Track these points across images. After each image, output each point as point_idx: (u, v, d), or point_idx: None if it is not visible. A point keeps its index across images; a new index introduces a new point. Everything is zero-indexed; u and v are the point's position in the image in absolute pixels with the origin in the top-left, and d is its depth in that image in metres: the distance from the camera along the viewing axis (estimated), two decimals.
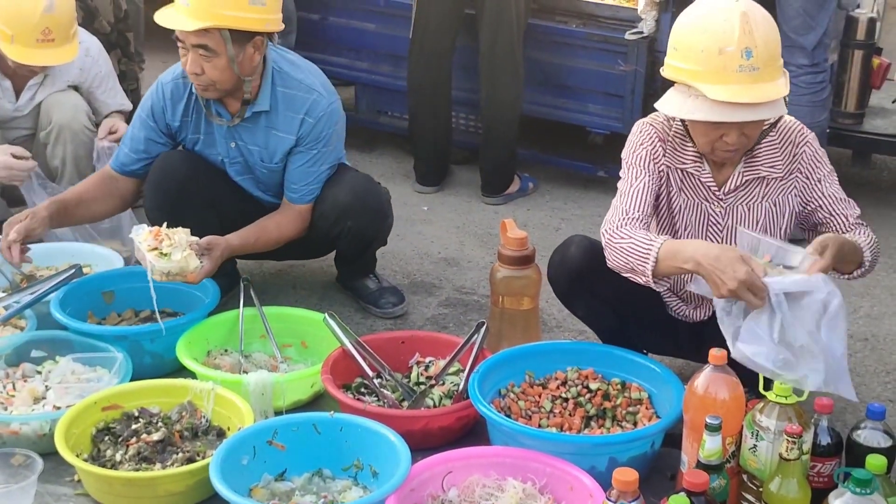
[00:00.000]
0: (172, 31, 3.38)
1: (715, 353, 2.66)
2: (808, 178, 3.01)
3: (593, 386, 3.08)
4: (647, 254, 2.82)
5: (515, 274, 3.38)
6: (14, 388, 3.11)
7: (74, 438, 2.87)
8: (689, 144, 2.99)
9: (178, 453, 2.85)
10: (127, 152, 3.66)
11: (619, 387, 3.09)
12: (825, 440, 2.69)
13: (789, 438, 2.50)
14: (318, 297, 3.92)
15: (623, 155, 3.07)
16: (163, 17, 3.39)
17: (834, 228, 3.00)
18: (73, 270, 3.48)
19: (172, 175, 3.59)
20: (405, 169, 5.06)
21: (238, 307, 3.46)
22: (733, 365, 2.70)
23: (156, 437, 2.88)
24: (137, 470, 2.79)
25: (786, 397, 2.60)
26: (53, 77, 4.05)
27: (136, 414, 2.99)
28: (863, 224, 3.01)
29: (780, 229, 3.04)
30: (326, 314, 3.26)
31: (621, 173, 3.06)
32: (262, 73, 3.50)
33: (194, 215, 3.53)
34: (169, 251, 3.24)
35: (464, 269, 4.18)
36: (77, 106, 4.03)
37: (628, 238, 2.87)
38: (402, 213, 4.57)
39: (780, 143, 2.99)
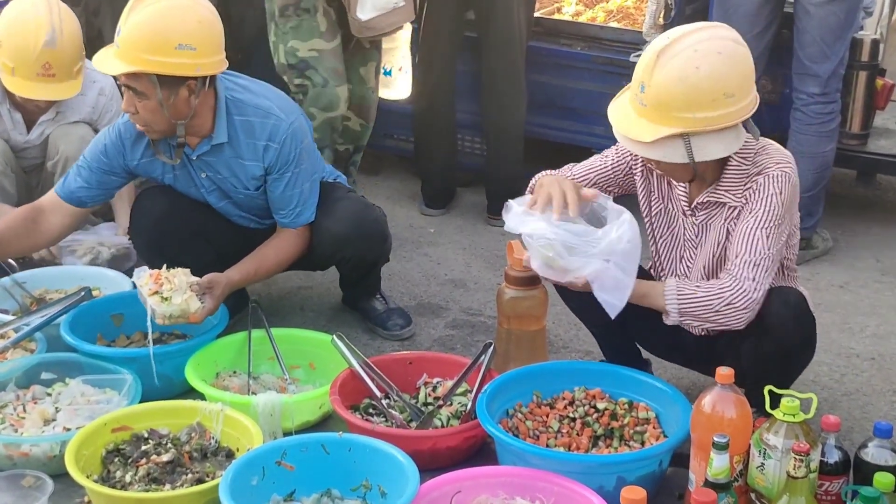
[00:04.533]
0: None
1: (722, 372, 2.68)
2: (745, 208, 2.93)
3: (601, 406, 3.09)
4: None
5: (522, 295, 3.39)
6: (24, 409, 3.12)
7: (84, 460, 2.88)
8: None
9: (187, 474, 2.86)
10: (79, 181, 3.55)
11: (626, 406, 3.10)
12: (833, 458, 2.70)
13: (797, 456, 2.50)
14: (326, 319, 3.93)
15: None
16: (97, 59, 3.38)
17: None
18: (82, 293, 3.50)
19: (150, 215, 3.59)
20: (411, 191, 5.08)
21: (246, 329, 3.48)
22: (740, 384, 2.71)
23: (165, 458, 2.90)
24: (147, 491, 2.80)
25: (794, 416, 2.62)
26: (65, 114, 4.07)
27: (146, 435, 3.00)
28: (734, 281, 2.83)
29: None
30: (334, 335, 3.28)
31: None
32: (215, 106, 3.45)
33: (184, 248, 3.55)
34: (169, 295, 3.25)
35: (470, 291, 4.20)
36: (84, 138, 4.04)
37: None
38: (408, 235, 4.60)
39: (748, 172, 2.95)
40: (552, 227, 2.86)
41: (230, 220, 3.70)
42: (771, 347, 2.90)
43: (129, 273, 3.89)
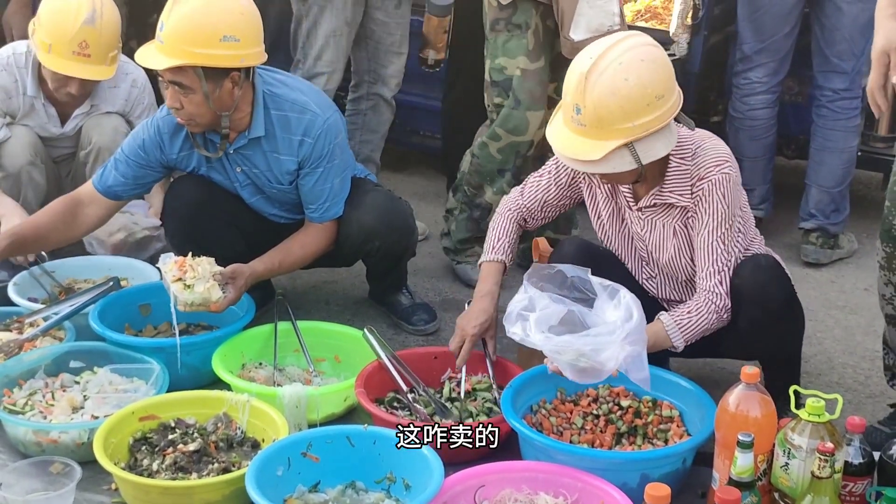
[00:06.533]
0: None
1: (747, 371, 2.68)
2: (696, 215, 3.04)
3: (624, 403, 3.10)
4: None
5: None
6: (53, 397, 3.15)
7: (112, 447, 2.91)
8: None
9: (213, 464, 2.89)
10: (116, 175, 3.59)
11: (650, 404, 3.10)
12: (857, 459, 2.69)
13: (822, 457, 2.50)
14: (351, 313, 3.95)
15: None
16: (140, 55, 3.41)
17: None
18: (111, 283, 3.54)
19: (185, 201, 3.62)
20: (437, 188, 5.09)
21: (273, 321, 3.51)
22: (766, 384, 2.72)
23: (192, 447, 2.92)
24: (174, 479, 2.83)
25: (819, 416, 2.61)
26: (99, 107, 4.10)
27: (173, 424, 3.03)
28: (710, 295, 2.99)
29: (689, 257, 3.11)
30: (366, 329, 3.30)
31: None
32: (253, 101, 3.48)
33: (216, 237, 3.59)
34: (192, 283, 3.28)
35: None
36: (117, 128, 4.08)
37: (494, 225, 3.35)
38: (434, 231, 4.60)
39: (690, 172, 3.02)
40: (578, 339, 2.83)
41: (262, 215, 3.73)
42: (756, 313, 2.97)
43: (157, 254, 3.94)
